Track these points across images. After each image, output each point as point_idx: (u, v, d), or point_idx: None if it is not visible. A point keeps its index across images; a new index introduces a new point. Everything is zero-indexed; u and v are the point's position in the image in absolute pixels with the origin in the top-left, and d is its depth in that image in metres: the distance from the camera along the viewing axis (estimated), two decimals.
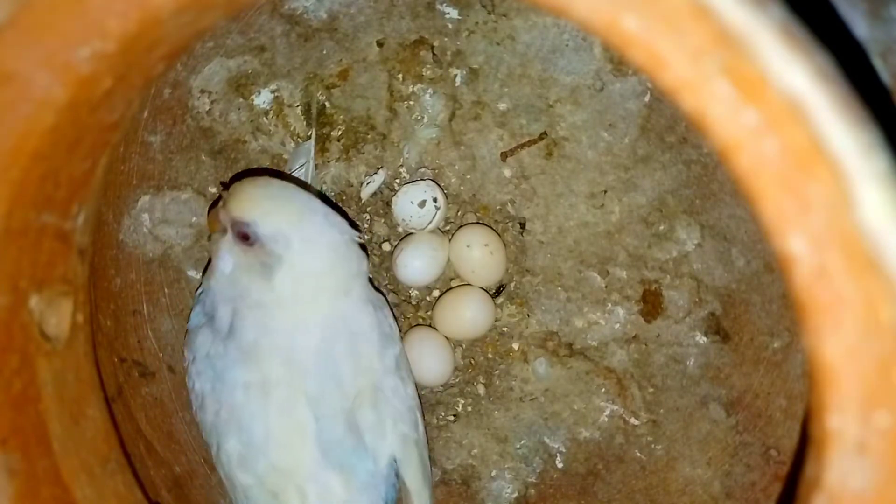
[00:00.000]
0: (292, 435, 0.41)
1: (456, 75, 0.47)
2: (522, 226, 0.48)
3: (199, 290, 0.44)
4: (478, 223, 0.48)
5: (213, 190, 0.48)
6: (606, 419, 0.48)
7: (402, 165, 0.48)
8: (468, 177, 0.48)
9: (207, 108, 0.47)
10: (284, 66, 0.47)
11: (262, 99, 0.47)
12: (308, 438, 0.41)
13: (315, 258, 0.41)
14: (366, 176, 0.48)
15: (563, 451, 0.48)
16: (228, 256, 0.41)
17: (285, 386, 0.41)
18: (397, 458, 0.42)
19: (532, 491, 0.48)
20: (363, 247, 0.44)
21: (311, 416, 0.41)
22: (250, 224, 0.40)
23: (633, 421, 0.47)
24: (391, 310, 0.46)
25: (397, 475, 0.42)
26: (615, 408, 0.48)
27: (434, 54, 0.47)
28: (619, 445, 0.48)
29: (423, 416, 0.45)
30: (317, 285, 0.42)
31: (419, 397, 0.45)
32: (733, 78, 0.24)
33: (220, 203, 0.42)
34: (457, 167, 0.48)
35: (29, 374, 0.34)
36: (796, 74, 0.24)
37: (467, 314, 0.47)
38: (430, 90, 0.47)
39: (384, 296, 0.47)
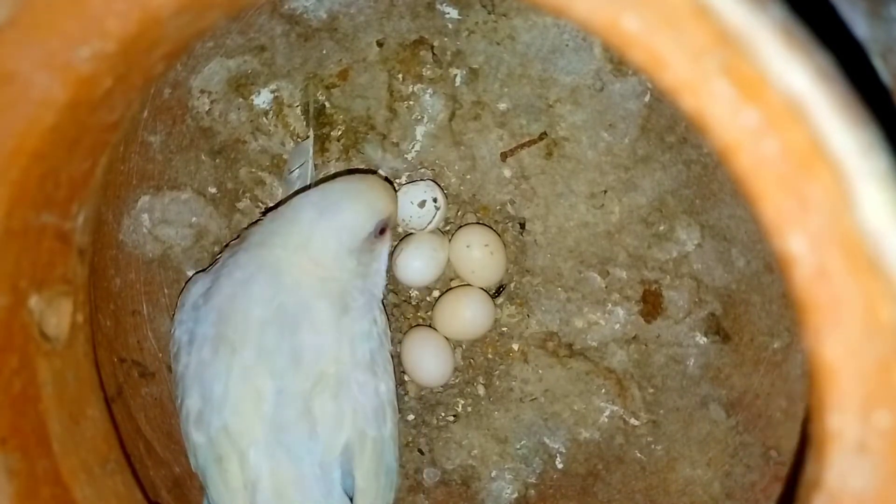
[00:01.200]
0: (248, 401, 0.40)
1: (456, 75, 0.47)
2: (522, 226, 0.48)
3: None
4: (478, 223, 0.48)
5: (213, 190, 0.48)
6: (606, 419, 0.48)
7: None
8: (468, 177, 0.48)
9: (207, 108, 0.47)
10: (284, 66, 0.47)
11: (262, 99, 0.47)
12: (263, 409, 0.40)
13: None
14: None
15: (563, 451, 0.48)
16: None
17: (253, 351, 0.41)
18: (351, 453, 0.41)
19: (532, 491, 0.48)
20: None
21: (272, 388, 0.40)
22: (390, 218, 0.45)
23: (633, 421, 0.47)
24: (383, 308, 0.46)
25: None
26: (615, 408, 0.48)
27: (434, 54, 0.47)
28: (619, 446, 0.48)
29: (396, 416, 0.44)
30: (343, 268, 0.42)
31: (395, 396, 0.44)
32: (733, 78, 0.24)
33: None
34: (457, 167, 0.48)
35: (29, 374, 0.34)
36: (796, 74, 0.24)
37: (467, 314, 0.47)
38: (430, 90, 0.47)
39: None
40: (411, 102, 0.47)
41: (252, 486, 0.40)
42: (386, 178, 0.47)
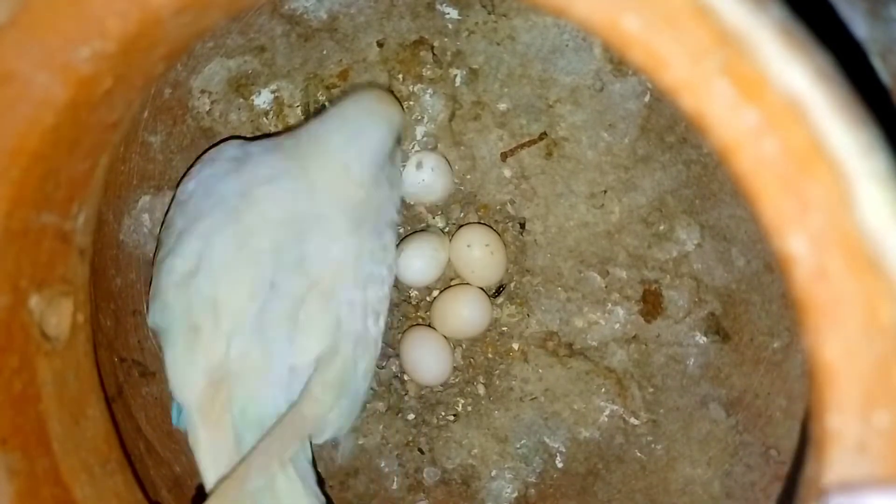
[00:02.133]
0: (246, 284, 0.40)
1: (456, 75, 0.47)
2: (522, 226, 0.48)
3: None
4: (478, 223, 0.48)
5: None
6: (606, 419, 0.48)
7: (402, 165, 0.48)
8: (468, 177, 0.48)
9: (207, 108, 0.47)
10: (284, 66, 0.47)
11: (262, 99, 0.47)
12: (257, 297, 0.40)
13: None
14: None
15: (563, 450, 0.48)
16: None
17: (267, 241, 0.40)
18: (316, 366, 0.40)
19: (532, 491, 0.48)
20: None
21: (269, 280, 0.40)
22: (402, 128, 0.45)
23: (633, 421, 0.47)
24: (395, 237, 0.45)
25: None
26: (615, 408, 0.48)
27: (434, 54, 0.47)
28: (619, 445, 0.48)
29: (378, 349, 0.43)
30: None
31: (385, 325, 0.44)
32: (733, 78, 0.24)
33: None
34: (457, 167, 0.48)
35: (29, 374, 0.34)
36: (796, 74, 0.24)
37: (464, 313, 0.47)
38: (430, 90, 0.47)
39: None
40: (411, 102, 0.47)
41: (217, 365, 0.39)
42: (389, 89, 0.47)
